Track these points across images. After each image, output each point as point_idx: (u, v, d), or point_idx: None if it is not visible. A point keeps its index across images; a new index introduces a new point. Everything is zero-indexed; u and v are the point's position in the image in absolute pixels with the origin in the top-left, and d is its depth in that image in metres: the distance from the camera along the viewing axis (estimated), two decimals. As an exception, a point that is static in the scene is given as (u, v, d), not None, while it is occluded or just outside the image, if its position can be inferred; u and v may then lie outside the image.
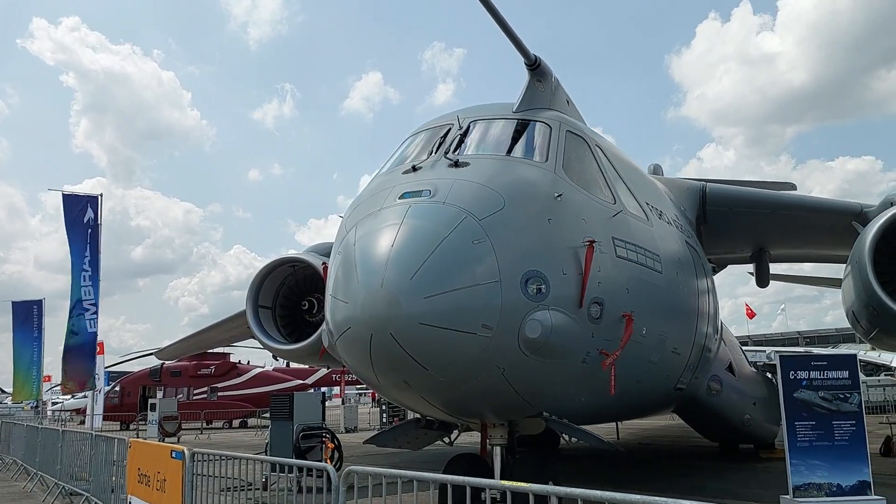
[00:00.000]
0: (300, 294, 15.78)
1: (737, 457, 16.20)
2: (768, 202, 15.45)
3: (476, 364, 7.05)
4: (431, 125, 9.68)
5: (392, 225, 7.12)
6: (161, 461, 7.63)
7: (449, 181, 7.66)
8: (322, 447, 13.32)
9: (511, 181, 8.00)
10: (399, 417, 32.86)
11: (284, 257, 15.57)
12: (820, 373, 9.06)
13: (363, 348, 6.92)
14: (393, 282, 6.66)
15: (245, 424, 38.58)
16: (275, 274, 15.52)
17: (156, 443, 9.68)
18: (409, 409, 9.13)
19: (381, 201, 7.71)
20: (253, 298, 15.25)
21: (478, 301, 6.87)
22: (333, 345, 7.65)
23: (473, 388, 7.39)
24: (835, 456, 8.86)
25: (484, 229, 7.11)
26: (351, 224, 7.79)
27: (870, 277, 11.56)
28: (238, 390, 38.15)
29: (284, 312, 15.82)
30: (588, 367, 8.08)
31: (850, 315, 13.52)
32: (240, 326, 23.25)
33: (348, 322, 6.98)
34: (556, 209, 8.02)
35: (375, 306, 6.67)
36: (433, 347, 6.78)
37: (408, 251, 6.82)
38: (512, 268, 7.14)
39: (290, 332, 15.68)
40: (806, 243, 17.76)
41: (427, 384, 7.23)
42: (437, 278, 6.73)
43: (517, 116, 9.22)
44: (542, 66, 9.51)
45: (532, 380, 7.61)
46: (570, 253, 7.83)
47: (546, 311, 7.25)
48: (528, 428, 8.85)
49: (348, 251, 7.34)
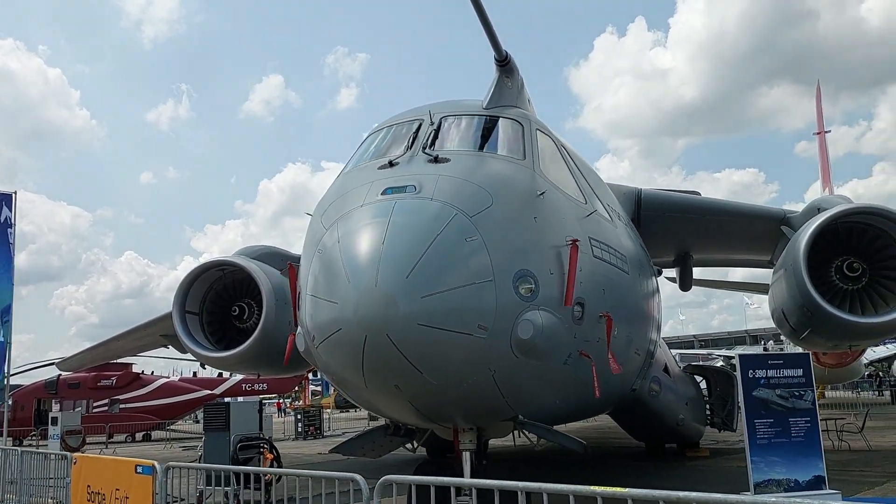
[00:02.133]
0: (229, 299, 15.07)
1: (664, 457, 16.52)
2: (699, 207, 15.89)
3: (469, 366, 6.80)
4: (399, 120, 9.36)
5: (379, 221, 6.77)
6: (121, 477, 6.95)
7: (433, 177, 7.37)
8: (261, 458, 12.67)
9: (495, 178, 7.80)
10: (315, 426, 32.14)
11: (214, 260, 14.83)
12: (776, 371, 9.29)
13: (354, 351, 6.51)
14: (388, 281, 6.31)
15: (149, 438, 36.69)
16: (203, 278, 14.74)
17: (113, 457, 8.86)
18: (385, 415, 8.73)
19: (362, 197, 7.33)
20: (180, 303, 14.43)
21: (474, 301, 6.63)
22: (313, 349, 7.18)
23: (462, 392, 7.12)
24: (792, 452, 9.10)
25: (475, 226, 6.88)
26: (329, 221, 7.35)
27: (805, 280, 11.99)
28: (142, 402, 36.12)
29: (212, 318, 15.07)
30: (568, 369, 7.98)
31: (778, 316, 14.01)
32: (151, 335, 22.11)
33: (337, 323, 6.55)
34: (539, 207, 7.88)
35: (370, 307, 6.30)
36: (429, 349, 6.48)
37: (401, 249, 6.49)
38: (504, 266, 6.94)
39: (218, 340, 14.95)
40: (728, 248, 18.38)
41: (418, 388, 6.89)
42: (433, 277, 6.44)
43: (488, 113, 9.04)
44: (511, 63, 9.36)
45: (518, 382, 7.44)
46: (554, 252, 7.71)
47: (536, 312, 7.09)
48: (496, 432, 8.66)
49: (330, 249, 6.90)
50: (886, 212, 12.30)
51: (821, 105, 24.71)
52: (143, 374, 38.06)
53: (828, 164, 24.41)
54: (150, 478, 6.51)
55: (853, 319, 12.02)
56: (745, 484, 9.35)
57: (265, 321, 13.82)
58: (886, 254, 12.66)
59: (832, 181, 27.13)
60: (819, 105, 24.86)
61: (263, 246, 16.16)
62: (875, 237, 12.73)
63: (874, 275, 12.76)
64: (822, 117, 24.41)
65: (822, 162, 24.74)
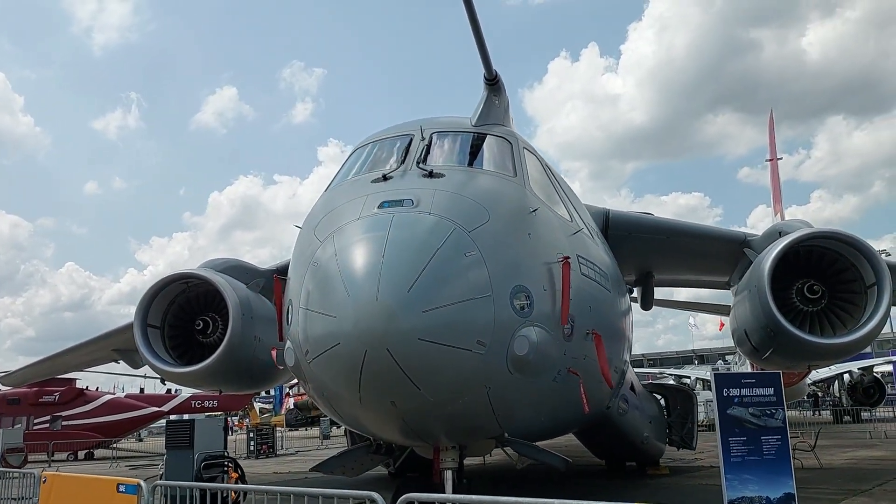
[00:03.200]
0: (192, 313, 14.71)
1: (626, 475, 16.65)
2: (664, 228, 16.17)
3: (467, 382, 6.75)
4: (388, 135, 9.33)
5: (377, 235, 6.70)
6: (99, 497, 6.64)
7: (429, 191, 7.35)
8: (225, 477, 12.37)
9: (490, 194, 7.82)
10: (268, 444, 31.49)
11: (179, 273, 14.46)
12: (749, 390, 9.45)
13: (352, 366, 6.39)
14: (388, 295, 6.23)
15: (92, 456, 35.48)
16: (167, 291, 14.37)
17: (90, 476, 8.46)
18: (372, 433, 8.53)
19: (357, 210, 7.25)
20: (142, 317, 14.02)
21: (473, 316, 6.60)
22: (304, 364, 7.02)
23: (456, 409, 7.06)
24: (764, 470, 9.24)
25: (473, 241, 6.87)
26: (324, 234, 7.24)
27: (769, 301, 12.30)
28: (86, 419, 34.91)
29: (174, 333, 14.69)
30: (557, 386, 8.00)
31: (740, 335, 14.33)
32: (102, 350, 21.51)
33: (335, 338, 6.42)
34: (532, 224, 7.93)
35: (370, 321, 6.20)
36: (428, 365, 6.41)
37: (401, 262, 6.42)
38: (501, 282, 6.94)
39: (180, 355, 14.57)
40: (690, 268, 18.75)
41: (414, 405, 6.80)
42: (434, 291, 6.39)
43: (477, 130, 9.09)
44: (500, 82, 9.44)
45: (510, 399, 7.42)
46: (547, 268, 7.75)
47: (531, 328, 7.11)
48: (477, 450, 8.62)
49: (326, 263, 6.79)
50: (845, 236, 12.73)
51: (773, 132, 25.49)
52: (87, 389, 36.85)
53: (779, 189, 25.23)
54: (134, 497, 6.22)
55: (815, 340, 12.36)
56: (715, 501, 9.49)
57: (231, 336, 13.53)
58: (844, 277, 13.08)
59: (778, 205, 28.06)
60: (772, 132, 25.68)
61: (228, 259, 15.85)
62: (833, 260, 13.14)
63: (832, 297, 13.16)
64: (774, 144, 25.18)
65: (773, 187, 25.56)
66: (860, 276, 12.84)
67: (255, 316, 14.28)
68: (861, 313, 12.73)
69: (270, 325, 15.11)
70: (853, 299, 12.97)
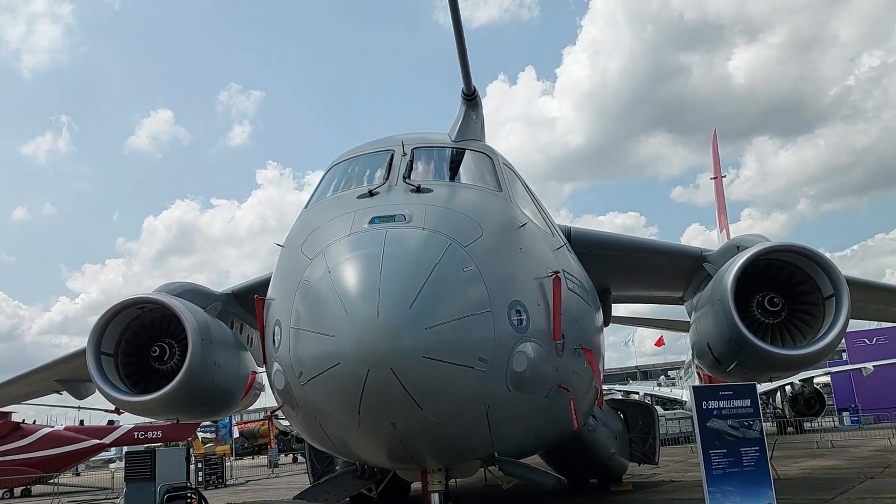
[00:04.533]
0: (148, 339, 14.17)
1: (591, 492, 16.64)
2: (623, 244, 16.35)
3: (468, 401, 6.57)
4: (366, 150, 9.16)
5: (372, 251, 6.49)
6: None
7: (420, 206, 7.20)
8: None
9: (481, 209, 7.71)
10: (217, 474, 30.45)
11: (134, 298, 13.89)
12: (727, 402, 9.56)
13: (352, 387, 6.12)
14: (390, 312, 6.00)
15: (29, 493, 33.78)
16: (121, 317, 13.79)
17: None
18: (362, 458, 8.18)
19: (347, 226, 7.04)
20: (95, 344, 13.40)
21: (474, 332, 6.44)
22: (297, 386, 6.69)
23: (455, 429, 6.86)
24: (744, 481, 9.35)
25: (470, 256, 6.73)
26: (313, 251, 6.99)
27: (733, 314, 12.50)
28: (22, 454, 33.17)
29: (128, 360, 14.10)
30: (548, 403, 7.89)
31: (701, 348, 14.53)
32: (44, 380, 20.62)
33: (333, 358, 6.15)
34: (523, 239, 7.86)
35: (373, 339, 5.96)
36: (432, 383, 6.21)
37: (400, 279, 6.23)
38: (499, 297, 6.81)
39: (135, 383, 13.98)
40: (646, 284, 18.97)
41: (415, 426, 6.55)
42: (436, 308, 6.21)
43: (457, 146, 9.01)
44: (478, 97, 9.39)
45: (506, 417, 7.25)
46: (538, 283, 7.66)
47: (528, 344, 6.99)
48: (463, 472, 8.43)
49: (319, 280, 6.54)
50: (805, 250, 13.05)
51: (717, 151, 26.14)
52: (23, 423, 35.13)
53: (724, 205, 25.88)
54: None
55: (779, 352, 12.59)
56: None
57: (190, 362, 13.04)
58: (801, 289, 13.39)
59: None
60: (715, 151, 26.32)
61: (184, 282, 15.36)
62: (791, 273, 13.46)
63: (791, 309, 13.46)
64: (718, 163, 25.81)
65: (718, 204, 26.25)
66: (817, 288, 13.16)
67: (215, 341, 13.84)
68: (819, 325, 13.04)
69: (230, 351, 14.72)
70: (811, 311, 13.28)
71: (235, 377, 14.80)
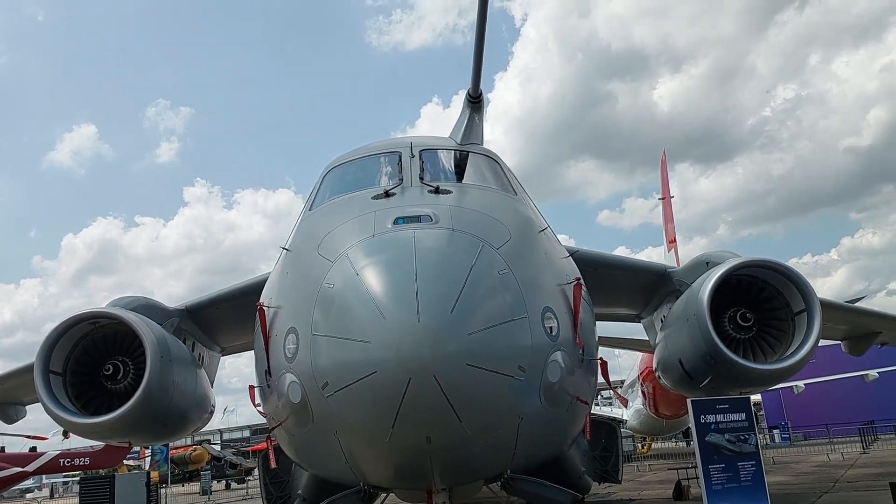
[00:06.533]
0: (99, 356, 13.22)
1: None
2: (594, 260, 16.24)
3: (504, 413, 6.18)
4: (370, 152, 8.73)
5: (404, 252, 6.06)
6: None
7: (443, 207, 6.81)
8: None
9: (505, 212, 7.40)
10: (154, 501, 28.95)
11: (87, 312, 12.89)
12: (724, 416, 9.47)
13: (391, 397, 5.64)
14: (431, 316, 5.56)
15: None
16: (71, 333, 12.82)
17: None
18: (370, 479, 7.58)
19: (369, 227, 6.58)
20: (43, 363, 12.36)
21: (515, 339, 6.06)
22: (320, 398, 6.12)
23: (486, 443, 6.42)
24: (742, 496, 9.27)
25: (503, 259, 6.37)
26: (333, 253, 6.48)
27: (709, 329, 12.47)
28: (-66, 485, 30.98)
29: (77, 379, 13.12)
30: (567, 416, 7.57)
31: (671, 365, 14.46)
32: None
33: (370, 366, 5.65)
34: (545, 244, 7.56)
35: (415, 345, 5.50)
36: (473, 393, 5.79)
37: (439, 281, 5.81)
38: (533, 302, 6.46)
39: (84, 404, 13.01)
40: (606, 301, 18.94)
41: (450, 440, 6.08)
42: (477, 312, 5.82)
43: (464, 148, 8.72)
44: (482, 101, 9.12)
45: (532, 431, 6.86)
46: (561, 290, 7.36)
47: (559, 352, 6.64)
48: (466, 493, 8.01)
49: (346, 283, 6.05)
50: (775, 265, 13.20)
51: (666, 173, 26.55)
52: (-65, 452, 32.81)
53: (673, 225, 26.26)
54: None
55: (755, 366, 12.59)
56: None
57: (149, 380, 12.15)
58: (771, 305, 13.54)
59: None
60: (664, 173, 26.73)
61: (137, 297, 14.44)
62: (761, 289, 13.60)
63: (761, 324, 13.58)
64: (667, 184, 26.19)
65: (666, 224, 26.63)
66: (786, 303, 13.33)
67: (174, 358, 13.01)
68: (788, 340, 13.18)
69: (187, 369, 13.91)
70: (779, 326, 13.42)
71: (192, 398, 14.01)
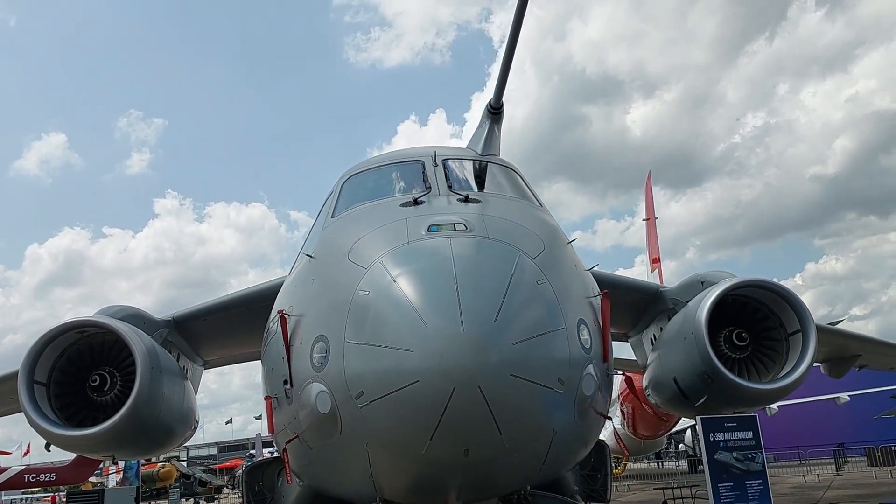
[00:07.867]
0: (84, 367, 12.83)
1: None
2: None
3: (541, 426, 6.04)
4: (391, 160, 8.63)
5: (442, 259, 5.93)
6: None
7: (476, 216, 6.71)
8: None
9: (535, 222, 7.30)
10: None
11: (75, 320, 12.51)
12: (732, 434, 9.43)
13: (433, 408, 5.46)
14: (474, 324, 5.43)
15: None
16: (58, 342, 12.43)
17: None
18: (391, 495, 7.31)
19: (402, 234, 6.44)
20: (28, 373, 11.95)
21: (555, 350, 5.95)
22: (353, 408, 5.93)
23: (520, 457, 6.24)
24: (750, 516, 9.17)
25: (540, 269, 6.27)
26: (366, 260, 6.32)
27: (707, 347, 12.50)
28: None
29: (61, 390, 12.71)
30: (590, 431, 7.45)
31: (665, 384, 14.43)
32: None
33: (412, 375, 5.47)
34: (572, 255, 7.47)
35: (460, 354, 5.35)
36: (516, 405, 5.65)
37: (480, 289, 5.68)
38: (570, 314, 6.35)
39: (68, 417, 12.60)
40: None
41: (488, 453, 5.91)
42: (519, 321, 5.70)
43: (486, 159, 8.64)
44: (503, 112, 9.06)
45: (562, 446, 6.73)
46: (589, 303, 7.27)
47: (591, 366, 6.54)
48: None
49: (384, 290, 5.90)
50: (772, 285, 13.29)
51: (650, 194, 26.77)
52: None
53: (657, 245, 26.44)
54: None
55: (752, 386, 12.61)
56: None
57: (139, 392, 11.80)
58: (766, 325, 13.62)
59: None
60: (648, 194, 26.94)
61: (125, 306, 14.07)
62: (755, 309, 13.67)
63: (755, 344, 13.64)
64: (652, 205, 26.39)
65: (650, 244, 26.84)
66: (781, 323, 13.41)
67: (163, 370, 12.71)
68: (782, 360, 13.25)
69: (176, 382, 13.58)
70: (773, 346, 13.49)
71: (179, 412, 13.68)
